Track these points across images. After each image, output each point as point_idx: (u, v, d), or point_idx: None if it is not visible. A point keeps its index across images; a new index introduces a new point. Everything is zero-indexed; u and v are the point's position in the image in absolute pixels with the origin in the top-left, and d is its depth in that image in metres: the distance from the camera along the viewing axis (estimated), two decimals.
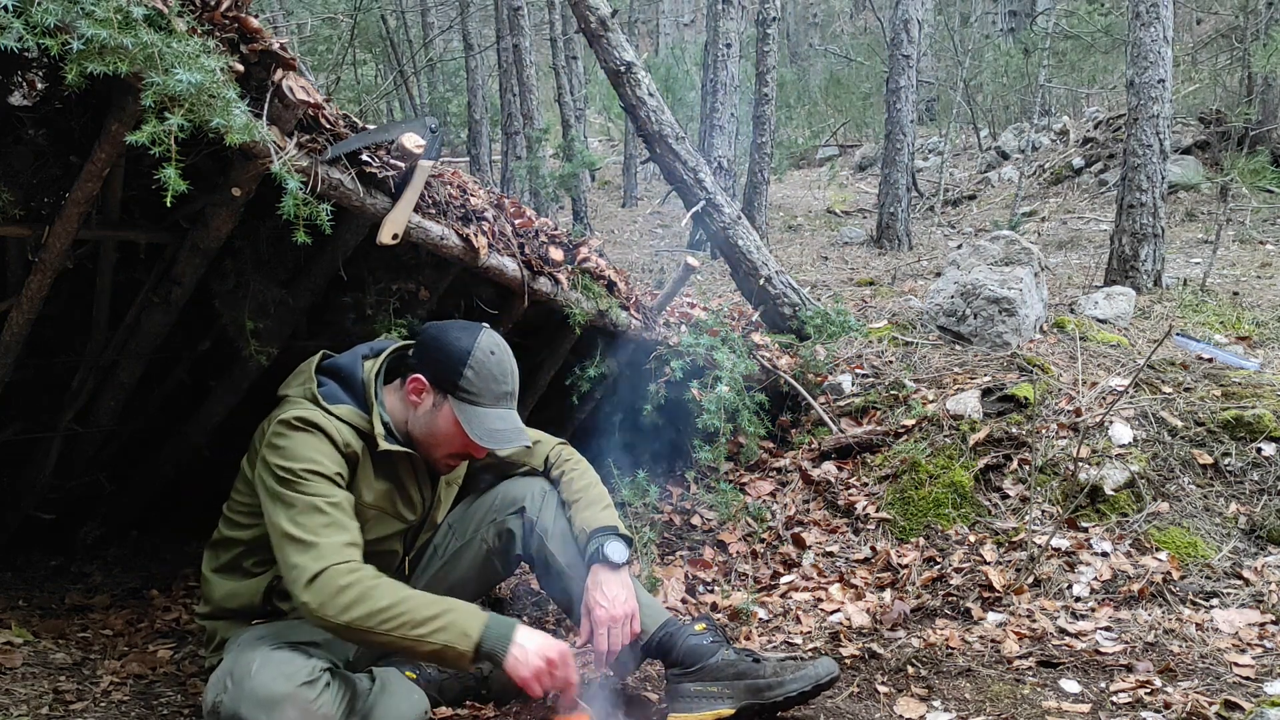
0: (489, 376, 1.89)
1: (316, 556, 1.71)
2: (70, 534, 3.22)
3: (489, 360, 1.89)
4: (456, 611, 1.74)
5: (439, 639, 1.71)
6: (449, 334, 1.92)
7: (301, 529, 1.74)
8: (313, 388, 1.91)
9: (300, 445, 1.82)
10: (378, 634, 1.70)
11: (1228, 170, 7.85)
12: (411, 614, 1.70)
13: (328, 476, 1.81)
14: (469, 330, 1.92)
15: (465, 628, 1.72)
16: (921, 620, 2.47)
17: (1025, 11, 16.60)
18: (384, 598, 1.70)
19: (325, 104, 2.02)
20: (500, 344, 1.94)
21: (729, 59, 9.63)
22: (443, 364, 1.89)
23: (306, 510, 1.76)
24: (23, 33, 1.54)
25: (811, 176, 15.09)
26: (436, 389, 1.91)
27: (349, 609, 1.68)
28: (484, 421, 1.89)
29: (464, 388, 1.88)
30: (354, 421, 1.90)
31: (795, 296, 3.93)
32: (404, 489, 2.01)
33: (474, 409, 1.89)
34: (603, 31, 3.86)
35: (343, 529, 1.77)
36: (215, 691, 1.75)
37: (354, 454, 1.88)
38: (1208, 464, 2.82)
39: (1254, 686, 1.99)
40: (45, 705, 2.06)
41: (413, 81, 15.03)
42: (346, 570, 1.71)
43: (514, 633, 1.76)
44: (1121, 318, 4.73)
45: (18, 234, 2.08)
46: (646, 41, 21.61)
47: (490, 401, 1.90)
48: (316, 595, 1.69)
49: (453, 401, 1.89)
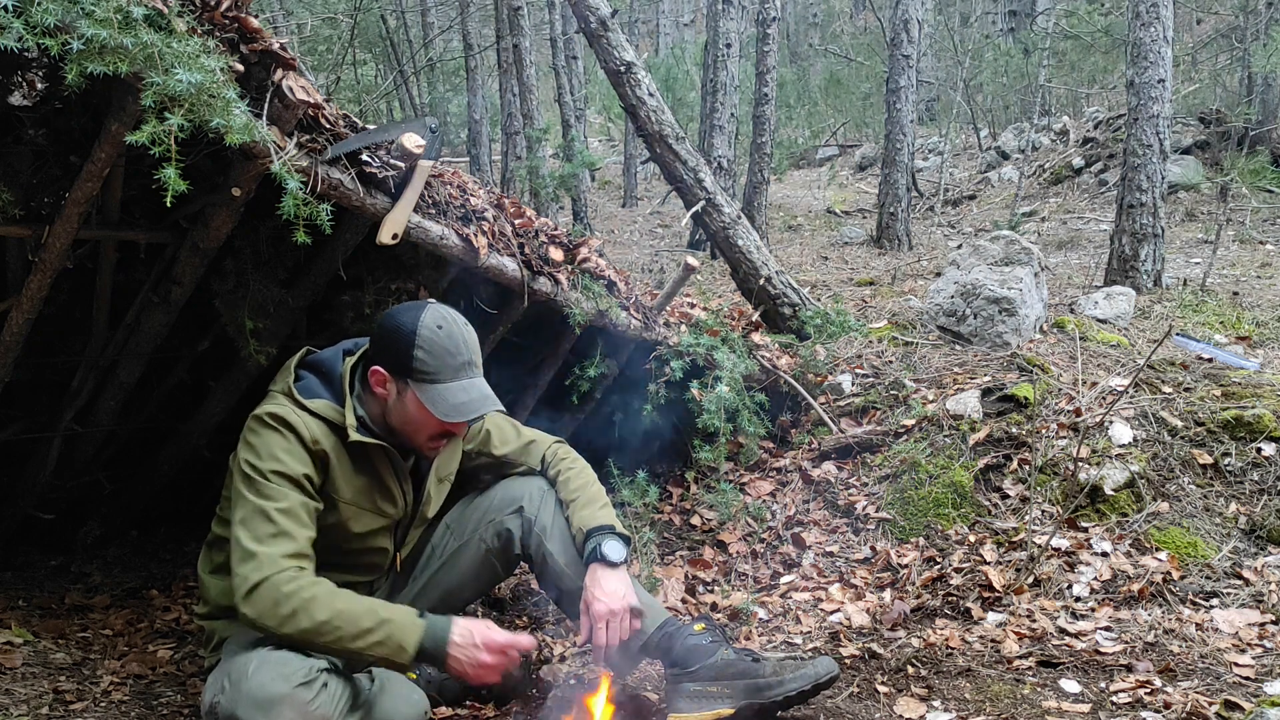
0: (441, 351, 1.85)
1: (256, 567, 1.73)
2: (70, 534, 3.23)
3: (437, 335, 1.85)
4: (393, 623, 1.76)
5: (377, 652, 1.75)
6: (394, 319, 1.89)
7: (248, 535, 1.76)
8: (290, 382, 1.91)
9: (267, 443, 1.83)
10: (317, 645, 1.74)
11: (1228, 170, 7.85)
12: (347, 627, 1.73)
13: (291, 478, 1.82)
14: (413, 310, 1.88)
15: (402, 640, 1.75)
16: (921, 620, 2.47)
17: (1025, 11, 16.60)
18: (321, 611, 1.72)
19: (325, 104, 2.02)
20: (447, 315, 1.89)
21: (729, 59, 9.64)
22: (394, 350, 1.87)
23: (256, 515, 1.78)
24: (23, 33, 1.54)
25: (811, 176, 15.09)
26: (395, 377, 1.88)
27: (286, 622, 1.72)
28: (447, 397, 1.85)
29: (418, 369, 1.84)
30: (328, 416, 1.89)
31: (795, 296, 3.93)
32: (382, 483, 1.99)
33: (434, 387, 1.85)
34: (603, 31, 3.86)
35: (288, 538, 1.77)
36: (213, 692, 1.75)
37: (323, 452, 1.87)
38: (1208, 464, 2.82)
39: (1254, 686, 1.99)
40: (45, 705, 2.06)
41: (413, 81, 15.02)
42: (285, 581, 1.73)
43: (449, 634, 1.77)
44: (1121, 318, 4.73)
45: (18, 234, 2.08)
46: (646, 41, 21.62)
47: (449, 376, 1.86)
48: (254, 607, 1.72)
49: (413, 385, 1.86)
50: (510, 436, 2.27)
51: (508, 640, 1.81)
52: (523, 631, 2.67)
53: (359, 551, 2.00)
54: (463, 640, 1.77)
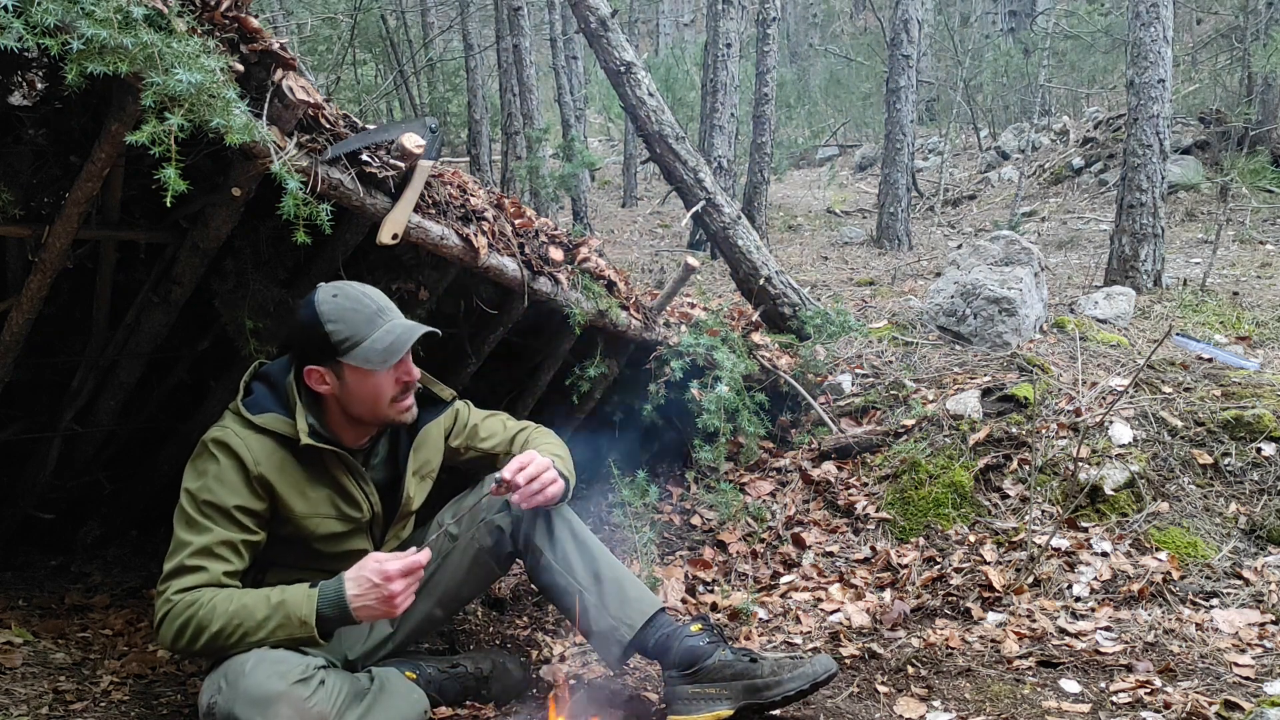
0: (348, 313, 1.84)
1: (162, 600, 1.79)
2: (70, 534, 3.22)
3: (337, 303, 1.85)
4: (287, 603, 1.77)
5: (282, 634, 1.76)
6: (296, 318, 1.90)
7: (168, 563, 1.81)
8: (239, 399, 1.92)
9: (205, 471, 1.85)
10: (233, 649, 1.76)
11: (1228, 170, 7.85)
12: (245, 622, 1.75)
13: (221, 508, 1.83)
14: (306, 300, 1.89)
15: (300, 614, 1.76)
16: (921, 620, 2.47)
17: (1025, 11, 16.61)
18: (216, 620, 1.75)
19: (325, 104, 2.02)
20: (338, 285, 1.90)
21: (729, 59, 9.63)
22: (310, 341, 1.87)
23: (176, 549, 1.82)
24: (23, 33, 1.54)
25: (811, 176, 15.10)
26: (327, 365, 1.88)
27: (191, 642, 1.76)
28: (376, 348, 1.85)
29: (339, 344, 1.84)
30: (276, 429, 1.89)
31: (795, 296, 3.93)
32: (340, 488, 1.98)
33: (360, 348, 1.84)
34: (603, 31, 3.86)
35: (197, 572, 1.79)
36: (210, 691, 1.75)
37: (262, 476, 1.86)
38: (1208, 464, 2.82)
39: (1254, 686, 1.99)
40: (45, 705, 2.06)
41: (413, 81, 15.02)
42: (182, 607, 1.76)
43: (343, 591, 1.78)
44: (1121, 318, 4.73)
45: (18, 234, 2.08)
46: (646, 41, 21.61)
47: (367, 329, 1.85)
48: (163, 638, 1.79)
49: (344, 361, 1.85)
50: (497, 430, 2.27)
51: (406, 563, 1.80)
52: (522, 630, 2.67)
53: (335, 555, 1.99)
54: (361, 589, 1.77)
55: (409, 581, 1.79)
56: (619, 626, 2.00)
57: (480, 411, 2.30)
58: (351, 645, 2.09)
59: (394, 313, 1.91)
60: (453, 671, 2.16)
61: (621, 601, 2.02)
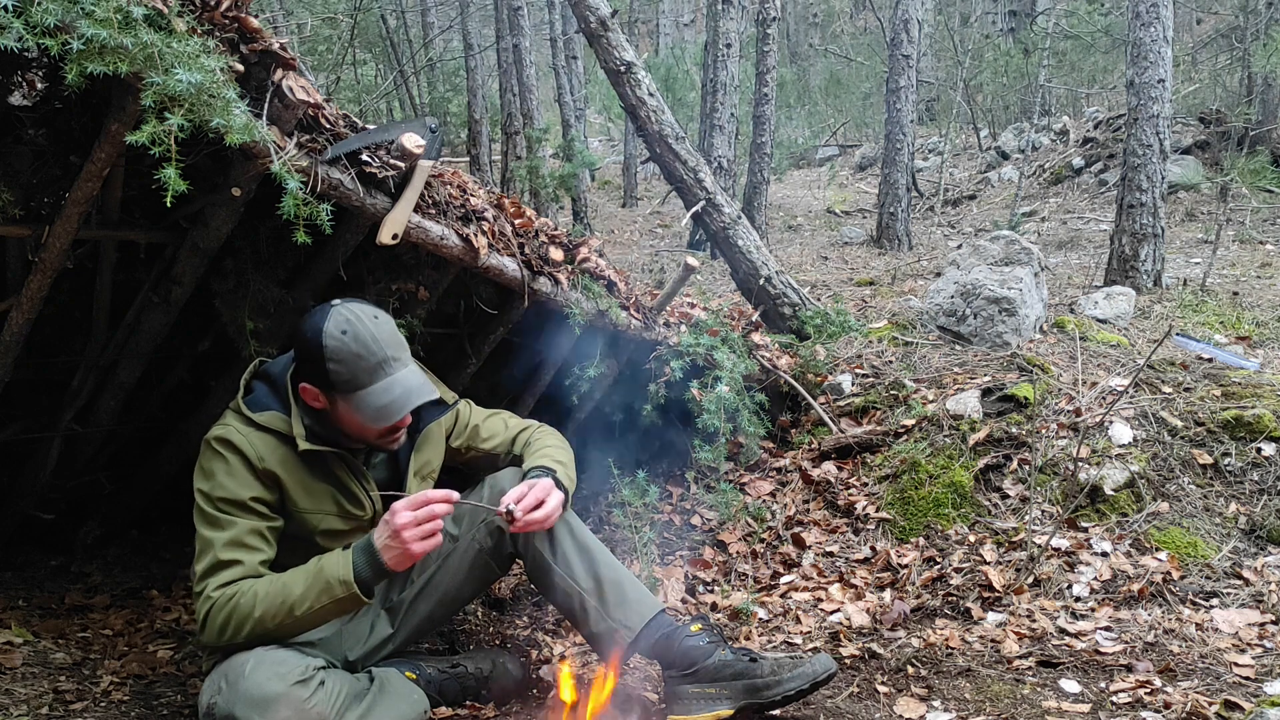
0: (352, 358, 1.79)
1: (202, 599, 1.79)
2: (70, 534, 3.22)
3: (344, 343, 1.78)
4: (325, 568, 1.77)
5: (326, 599, 1.75)
6: (303, 333, 1.83)
7: (199, 564, 1.81)
8: (240, 396, 1.92)
9: (214, 470, 1.85)
10: (279, 632, 1.76)
11: (1228, 170, 7.85)
12: (288, 598, 1.75)
13: (237, 502, 1.83)
14: (318, 317, 1.82)
15: (339, 574, 1.76)
16: (921, 620, 2.47)
17: (1025, 11, 16.61)
18: (259, 605, 1.75)
19: (325, 104, 2.01)
20: (352, 316, 1.81)
21: (729, 59, 9.63)
22: (310, 365, 1.84)
23: (205, 548, 1.82)
24: (23, 33, 1.54)
25: (811, 176, 15.10)
26: (322, 390, 1.86)
27: (236, 633, 1.76)
28: (373, 401, 1.81)
29: (336, 382, 1.81)
30: (277, 428, 1.89)
31: (795, 296, 3.93)
32: (343, 487, 1.98)
33: (358, 394, 1.81)
34: (603, 31, 3.86)
35: (232, 566, 1.79)
36: (210, 692, 1.75)
37: (270, 470, 1.86)
38: (1208, 464, 2.82)
39: (1254, 686, 1.99)
40: (45, 705, 2.06)
41: (413, 81, 15.02)
42: (223, 600, 1.76)
43: (373, 541, 1.78)
44: (1121, 318, 4.73)
45: (18, 234, 2.08)
46: (646, 41, 21.60)
47: (367, 380, 1.80)
48: (208, 636, 1.79)
49: (339, 396, 1.83)
50: (499, 429, 2.27)
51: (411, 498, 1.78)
52: (522, 630, 2.67)
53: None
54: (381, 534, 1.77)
55: (416, 517, 1.75)
56: (619, 629, 2.00)
57: (482, 411, 2.30)
58: (351, 646, 2.09)
59: (399, 364, 1.85)
60: (453, 671, 2.16)
61: (621, 603, 2.02)
